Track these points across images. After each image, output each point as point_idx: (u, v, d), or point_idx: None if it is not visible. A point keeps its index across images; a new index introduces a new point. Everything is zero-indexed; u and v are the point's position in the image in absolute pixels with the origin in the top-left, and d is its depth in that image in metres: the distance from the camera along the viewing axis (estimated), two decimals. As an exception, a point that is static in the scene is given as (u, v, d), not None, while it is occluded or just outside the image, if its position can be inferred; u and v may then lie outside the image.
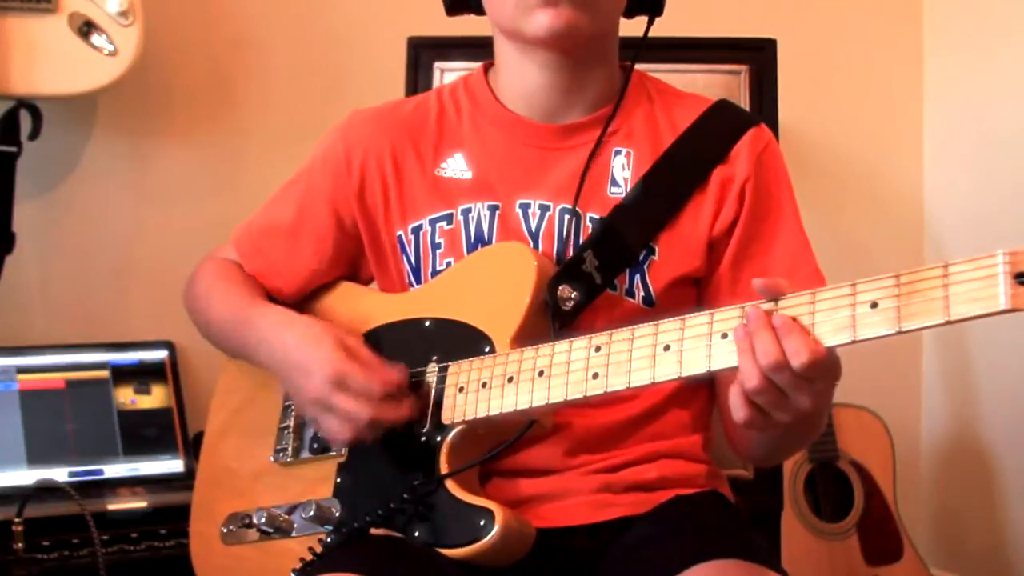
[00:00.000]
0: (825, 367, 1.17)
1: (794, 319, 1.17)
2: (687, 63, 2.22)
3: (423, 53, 2.28)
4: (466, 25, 1.64)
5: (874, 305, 1.12)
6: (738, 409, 1.21)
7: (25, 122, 2.40)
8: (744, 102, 2.23)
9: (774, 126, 2.20)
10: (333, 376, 1.40)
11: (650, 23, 1.57)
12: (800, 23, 3.07)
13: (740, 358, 1.19)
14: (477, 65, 1.61)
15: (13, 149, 2.39)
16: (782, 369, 1.16)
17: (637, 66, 1.57)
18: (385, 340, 1.52)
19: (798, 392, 1.18)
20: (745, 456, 1.55)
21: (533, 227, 1.50)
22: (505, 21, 1.48)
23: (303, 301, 1.64)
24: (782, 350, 1.16)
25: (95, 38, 2.33)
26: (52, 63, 2.32)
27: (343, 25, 2.77)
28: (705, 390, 1.54)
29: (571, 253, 1.46)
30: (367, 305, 1.58)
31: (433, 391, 1.43)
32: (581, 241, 1.47)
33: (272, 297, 1.63)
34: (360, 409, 1.39)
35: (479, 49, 1.62)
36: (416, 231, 1.54)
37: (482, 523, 1.34)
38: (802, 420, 1.22)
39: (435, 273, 1.53)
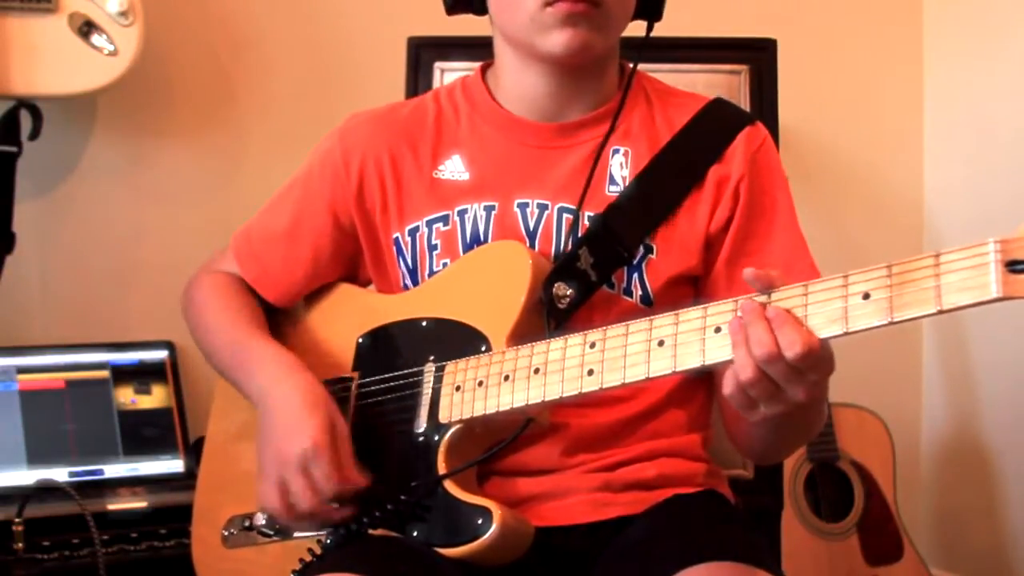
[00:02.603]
0: (818, 359, 1.17)
1: (788, 311, 1.17)
2: (687, 63, 2.22)
3: (423, 53, 2.28)
4: (466, 25, 1.64)
5: (866, 296, 1.12)
6: (732, 398, 1.22)
7: (25, 122, 2.40)
8: (744, 102, 2.23)
9: (774, 126, 2.20)
10: (306, 453, 1.40)
11: (650, 28, 1.58)
12: (800, 23, 3.07)
13: (734, 350, 1.19)
14: (477, 65, 1.61)
15: (13, 149, 2.39)
16: (776, 360, 1.16)
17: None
18: (383, 340, 1.53)
19: (791, 384, 1.19)
20: (745, 451, 1.56)
21: (531, 226, 1.50)
22: (517, 34, 1.48)
23: (302, 303, 1.64)
24: (776, 341, 1.16)
25: (95, 38, 2.33)
26: (52, 63, 2.32)
27: (343, 25, 2.77)
28: (703, 389, 1.55)
29: (569, 252, 1.46)
30: (365, 306, 1.58)
31: (430, 390, 1.43)
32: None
33: (269, 305, 1.63)
34: (305, 500, 1.40)
35: (479, 49, 1.62)
36: (413, 233, 1.54)
37: (480, 522, 1.34)
38: (796, 413, 1.23)
39: (432, 275, 1.53)
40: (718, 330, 1.21)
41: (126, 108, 2.60)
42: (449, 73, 2.22)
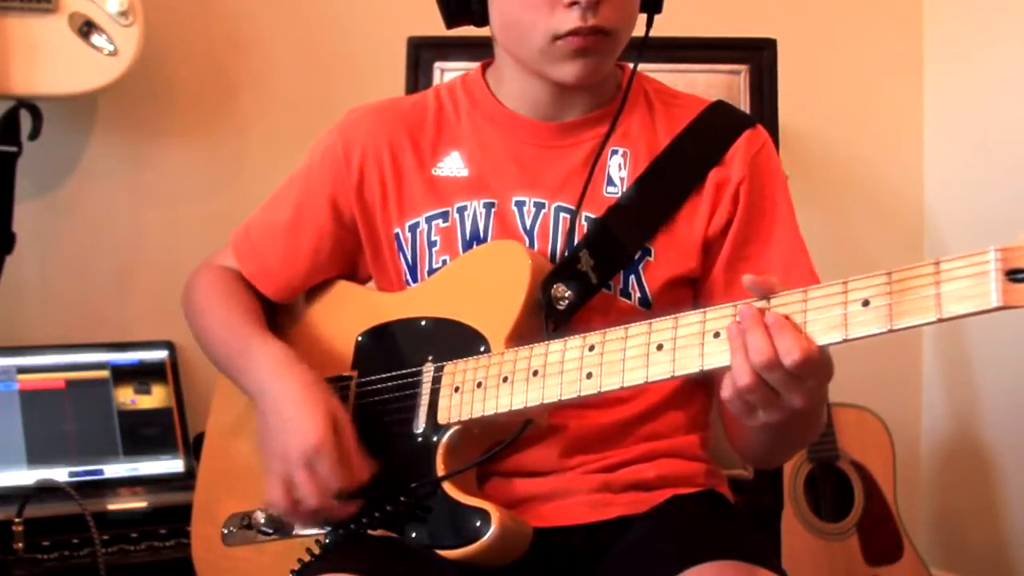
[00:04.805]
0: (817, 366, 1.16)
1: (787, 317, 1.16)
2: (687, 63, 2.22)
3: (423, 53, 2.28)
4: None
5: (866, 303, 1.11)
6: (730, 403, 1.21)
7: (25, 122, 2.40)
8: (744, 102, 2.23)
9: (774, 126, 2.20)
10: (310, 450, 1.39)
11: (649, 22, 1.55)
12: (800, 23, 3.07)
13: (732, 356, 1.18)
14: (477, 65, 1.61)
15: (13, 149, 2.39)
16: (774, 368, 1.15)
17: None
18: (381, 340, 1.53)
19: (789, 391, 1.18)
20: (744, 455, 1.55)
21: (528, 225, 1.50)
22: (527, 61, 1.48)
23: (301, 301, 1.64)
24: (774, 348, 1.15)
25: (95, 38, 2.33)
26: (52, 63, 2.32)
27: (343, 25, 2.77)
28: (702, 390, 1.54)
29: (566, 252, 1.46)
30: (364, 304, 1.58)
31: (429, 391, 1.43)
32: (576, 240, 1.47)
33: (269, 301, 1.63)
34: (311, 496, 1.39)
35: (479, 49, 1.62)
36: (413, 229, 1.54)
37: (478, 523, 1.34)
38: (795, 419, 1.22)
39: (431, 271, 1.52)
40: (717, 335, 1.21)
41: (126, 108, 2.60)
42: (449, 73, 2.22)
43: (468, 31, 1.58)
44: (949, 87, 3.15)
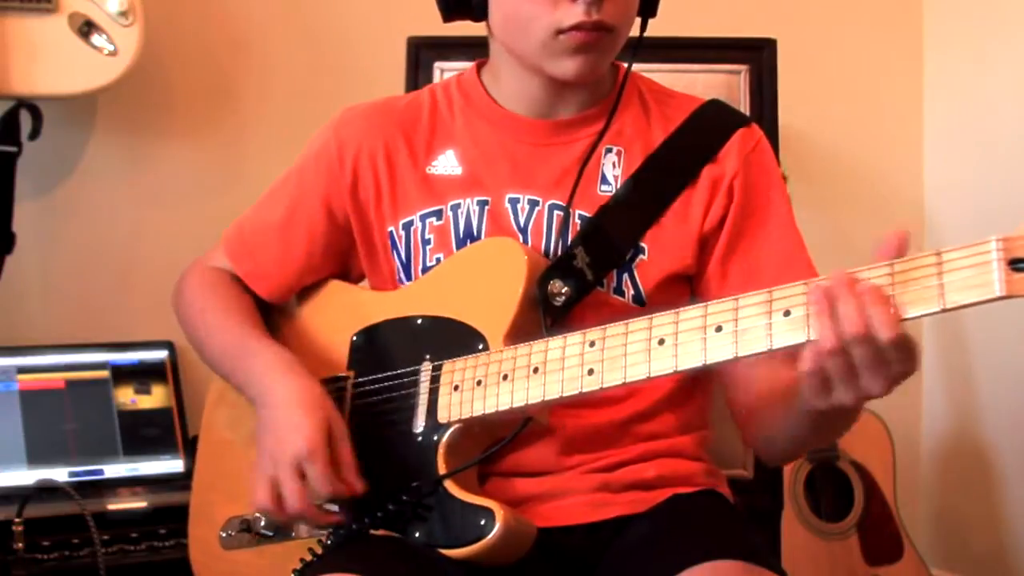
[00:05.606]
0: (910, 349, 1.12)
1: (880, 289, 1.10)
2: (687, 63, 2.21)
3: (423, 53, 2.28)
4: (466, 25, 1.63)
5: (869, 295, 1.11)
6: (810, 376, 1.16)
7: (25, 122, 2.40)
8: (744, 102, 2.22)
9: (774, 126, 2.20)
10: (301, 455, 1.38)
11: (644, 24, 1.55)
12: (800, 23, 3.07)
13: (817, 320, 1.13)
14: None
15: (13, 149, 2.40)
16: (865, 342, 1.11)
17: (633, 66, 1.56)
18: (377, 339, 1.52)
19: (873, 372, 1.13)
20: (762, 447, 1.51)
21: (522, 222, 1.50)
22: (527, 56, 1.47)
23: (294, 302, 1.64)
24: (866, 321, 1.10)
25: (95, 38, 2.33)
26: (52, 63, 2.32)
27: (343, 25, 2.77)
28: (701, 389, 1.54)
29: (559, 249, 1.46)
30: (358, 303, 1.58)
31: (427, 390, 1.43)
32: (569, 238, 1.46)
33: (262, 301, 1.63)
34: (295, 499, 1.38)
35: (479, 49, 1.62)
36: (407, 227, 1.53)
37: (483, 522, 1.34)
38: (853, 408, 1.19)
39: (425, 269, 1.52)
40: (719, 329, 1.20)
41: (126, 108, 2.60)
42: (449, 73, 2.22)
43: (468, 30, 1.58)
44: (949, 87, 3.16)
